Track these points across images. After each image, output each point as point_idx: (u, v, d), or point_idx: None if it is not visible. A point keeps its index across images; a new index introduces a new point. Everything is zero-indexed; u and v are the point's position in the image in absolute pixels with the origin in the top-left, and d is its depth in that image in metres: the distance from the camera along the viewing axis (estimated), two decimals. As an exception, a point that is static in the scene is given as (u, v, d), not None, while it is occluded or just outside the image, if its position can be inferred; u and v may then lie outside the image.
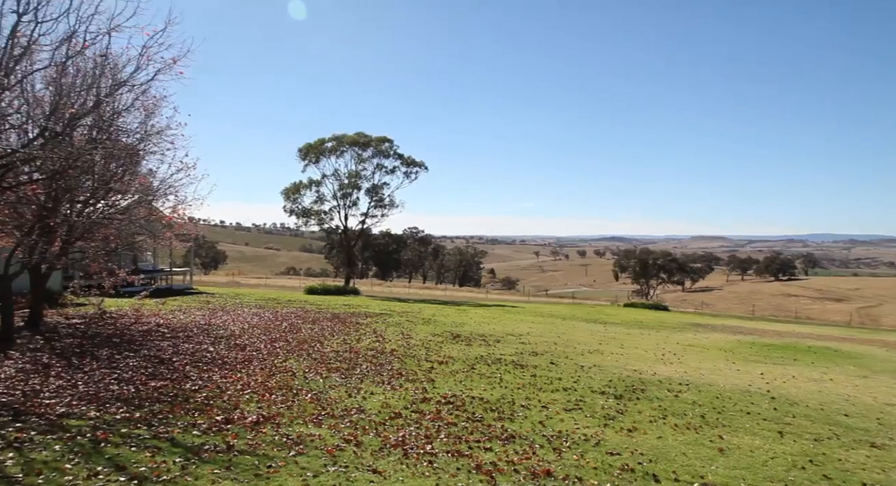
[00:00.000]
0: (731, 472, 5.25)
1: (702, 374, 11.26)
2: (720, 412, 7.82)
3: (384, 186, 40.67)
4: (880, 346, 21.27)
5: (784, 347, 18.08)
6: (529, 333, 17.11)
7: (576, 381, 9.41)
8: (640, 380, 9.89)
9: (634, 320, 27.01)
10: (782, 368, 13.25)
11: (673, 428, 6.74)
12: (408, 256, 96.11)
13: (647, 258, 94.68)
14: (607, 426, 6.62)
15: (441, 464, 4.95)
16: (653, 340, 18.07)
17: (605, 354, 13.33)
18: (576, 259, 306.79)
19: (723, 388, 9.68)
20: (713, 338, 20.06)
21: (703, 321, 31.29)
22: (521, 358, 11.60)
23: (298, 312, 18.79)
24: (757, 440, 6.47)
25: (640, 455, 5.54)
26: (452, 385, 8.41)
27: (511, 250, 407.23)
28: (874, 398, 9.78)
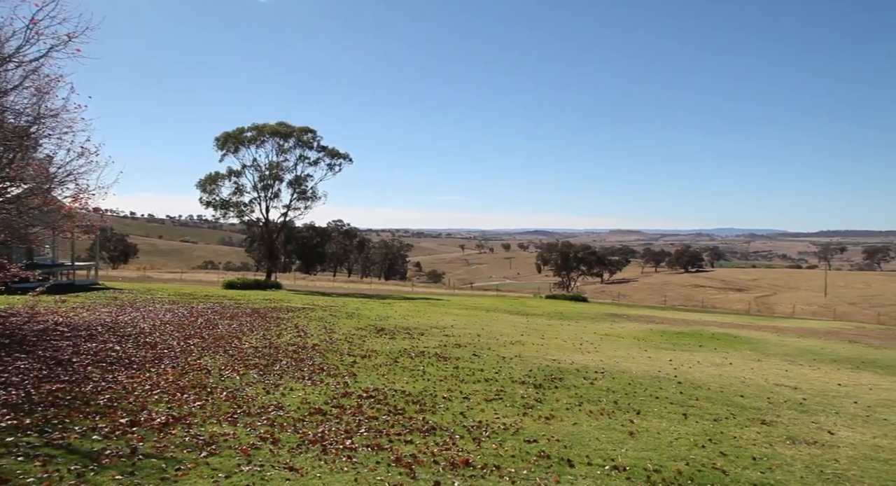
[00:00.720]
0: (640, 454, 5.52)
1: (616, 362, 11.78)
2: (632, 397, 8.21)
3: (307, 177, 39.73)
4: (773, 332, 23.11)
5: (691, 334, 19.25)
6: (454, 325, 17.28)
7: (497, 372, 9.59)
8: (559, 369, 10.23)
9: (555, 312, 27.90)
10: (689, 354, 14.11)
11: (588, 414, 7.01)
12: (332, 249, 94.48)
13: (568, 252, 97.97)
14: (526, 414, 6.79)
15: (360, 459, 4.89)
16: (572, 330, 18.73)
17: (526, 344, 13.67)
18: (500, 252, 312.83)
19: (635, 375, 10.18)
20: (628, 327, 21.06)
21: (619, 312, 32.78)
22: (445, 350, 11.69)
23: (216, 307, 18.03)
24: (664, 423, 6.84)
25: (556, 442, 5.72)
26: (375, 379, 8.35)
27: (437, 243, 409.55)
28: (766, 380, 10.61)
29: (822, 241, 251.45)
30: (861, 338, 22.64)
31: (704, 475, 5.02)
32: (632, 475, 4.88)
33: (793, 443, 6.29)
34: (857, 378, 11.66)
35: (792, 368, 12.68)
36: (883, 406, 8.75)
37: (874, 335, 25.26)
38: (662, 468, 5.10)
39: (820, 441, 6.43)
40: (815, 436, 6.65)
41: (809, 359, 14.48)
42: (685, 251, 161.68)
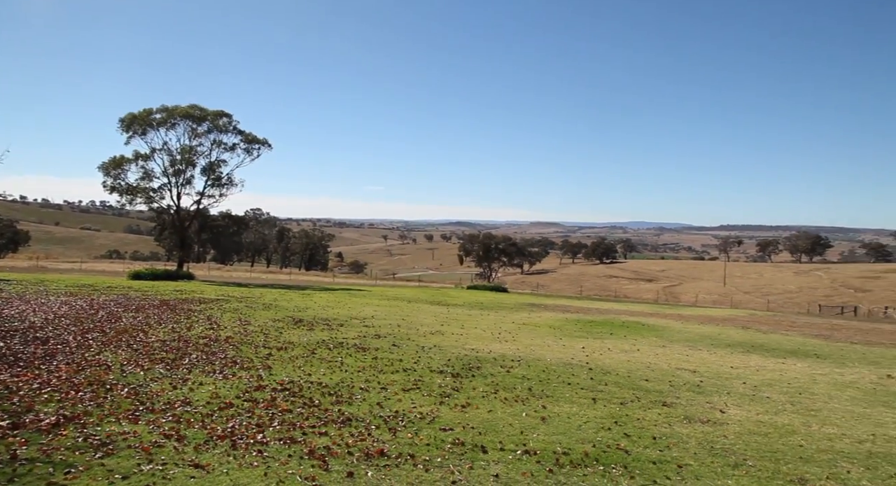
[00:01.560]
0: (550, 438, 5.73)
1: (532, 350, 12.15)
2: (545, 384, 8.49)
3: (222, 163, 38.07)
4: (677, 319, 24.63)
5: (603, 323, 20.15)
6: (374, 316, 17.18)
7: (416, 361, 9.63)
8: (477, 358, 10.41)
9: (476, 302, 28.37)
10: (600, 341, 14.77)
11: (503, 402, 7.18)
12: (250, 238, 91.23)
13: (490, 243, 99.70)
14: (443, 403, 6.87)
15: (272, 452, 4.77)
16: (491, 320, 19.12)
17: (445, 334, 13.82)
18: (423, 243, 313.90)
19: (549, 362, 10.53)
20: (545, 317, 21.76)
21: (537, 301, 33.81)
22: (364, 341, 11.61)
23: (119, 299, 16.96)
24: (574, 407, 7.13)
25: (470, 429, 5.83)
26: (291, 371, 8.16)
27: (359, 233, 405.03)
28: (669, 364, 11.29)
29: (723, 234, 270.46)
30: (752, 324, 24.58)
31: (609, 455, 5.27)
32: (542, 459, 5.05)
33: (689, 422, 6.73)
34: (746, 361, 12.65)
35: (692, 353, 13.57)
36: (767, 385, 9.55)
37: (763, 321, 27.51)
38: (571, 451, 5.32)
39: (713, 420, 6.92)
40: (708, 415, 7.15)
41: (708, 344, 15.56)
42: (601, 243, 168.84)
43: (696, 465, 5.15)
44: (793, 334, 20.27)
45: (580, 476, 4.69)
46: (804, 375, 11.07)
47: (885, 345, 18.04)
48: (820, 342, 17.82)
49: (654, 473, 4.87)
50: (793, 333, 21.06)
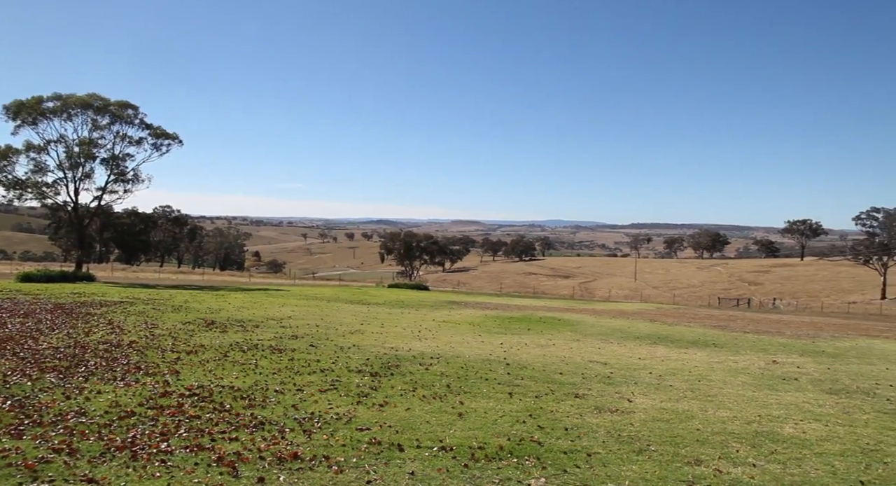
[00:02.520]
0: (467, 433, 5.80)
1: (452, 347, 12.27)
2: (463, 380, 8.60)
3: (127, 157, 35.79)
4: (591, 314, 25.70)
5: (521, 319, 20.68)
6: (292, 316, 16.74)
7: (334, 362, 9.48)
8: (396, 357, 10.38)
9: (397, 300, 28.30)
10: (518, 337, 15.14)
11: (421, 399, 7.20)
12: (159, 237, 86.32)
13: (411, 241, 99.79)
14: (360, 403, 6.79)
15: (177, 462, 4.52)
16: (412, 318, 19.14)
17: (365, 333, 13.69)
18: (344, 242, 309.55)
19: (468, 359, 10.68)
20: (465, 314, 22.05)
21: (458, 299, 34.20)
22: (281, 342, 11.28)
23: (5, 304, 15.55)
24: (491, 402, 7.26)
25: (388, 428, 5.80)
26: (201, 376, 7.79)
27: (278, 232, 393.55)
28: (582, 358, 11.76)
29: (634, 232, 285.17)
30: (659, 317, 26.08)
31: (523, 447, 5.41)
32: (458, 454, 5.11)
33: (599, 412, 7.03)
34: (653, 352, 13.40)
35: (604, 346, 14.20)
36: (670, 375, 10.16)
37: (669, 314, 29.26)
38: (486, 445, 5.41)
39: (621, 409, 7.27)
40: (617, 405, 7.50)
41: (618, 337, 16.34)
42: (520, 241, 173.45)
43: (604, 452, 5.38)
44: (694, 326, 21.68)
45: (494, 470, 4.78)
46: (703, 363, 11.87)
47: (772, 333, 19.69)
48: (718, 333, 19.17)
49: (564, 462, 5.04)
50: (695, 324, 22.52)
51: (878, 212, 71.37)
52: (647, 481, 4.66)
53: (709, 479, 4.75)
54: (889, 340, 19.77)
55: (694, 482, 4.65)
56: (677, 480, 4.70)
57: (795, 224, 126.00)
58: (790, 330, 21.83)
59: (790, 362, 12.65)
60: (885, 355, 14.67)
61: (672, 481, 4.68)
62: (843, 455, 5.57)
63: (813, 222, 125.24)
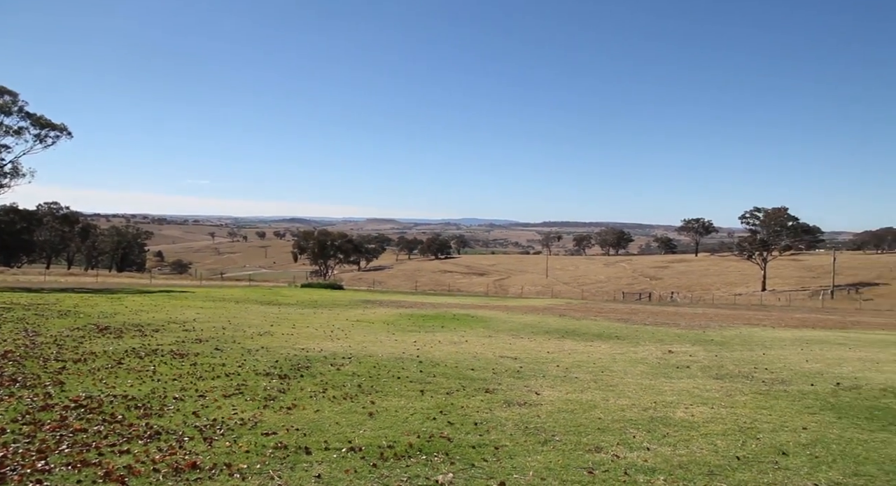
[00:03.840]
0: (377, 432, 5.76)
1: (364, 347, 12.14)
2: (375, 379, 8.53)
3: (3, 149, 32.51)
4: (503, 310, 26.33)
5: (435, 316, 20.83)
6: (196, 319, 15.92)
7: (241, 365, 9.11)
8: (307, 358, 10.14)
9: (310, 300, 27.65)
10: (431, 335, 15.24)
11: (331, 400, 7.07)
12: (45, 236, 79.27)
13: (325, 240, 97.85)
14: (267, 407, 6.57)
15: (56, 480, 4.16)
16: (325, 318, 18.77)
17: (275, 335, 13.27)
18: (255, 241, 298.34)
19: (381, 358, 10.61)
20: (379, 313, 21.90)
21: (372, 298, 33.93)
22: (183, 347, 10.69)
23: None
24: (402, 401, 7.25)
25: (295, 431, 5.64)
26: (90, 385, 7.22)
27: (183, 230, 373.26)
28: (493, 353, 12.01)
29: (545, 230, 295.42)
30: (568, 312, 27.17)
31: (433, 444, 5.44)
32: (366, 454, 5.06)
33: (508, 406, 7.21)
34: (561, 346, 13.94)
35: (515, 341, 14.59)
36: (576, 367, 10.61)
37: (577, 309, 30.55)
38: (396, 443, 5.40)
39: (529, 402, 7.49)
40: (525, 398, 7.73)
41: (529, 332, 16.85)
42: (435, 239, 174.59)
43: (511, 445, 5.52)
44: (600, 320, 22.77)
45: (403, 468, 4.78)
46: (607, 355, 12.49)
47: (669, 325, 21.06)
48: (621, 325, 20.25)
49: (473, 457, 5.13)
50: (600, 318, 23.66)
51: (759, 212, 78.13)
52: (550, 470, 4.83)
53: (607, 465, 4.99)
54: (766, 327, 21.73)
55: (593, 469, 4.87)
56: (578, 467, 4.91)
57: (690, 223, 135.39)
58: (685, 321, 23.44)
59: (683, 351, 13.58)
60: (762, 342, 16.10)
61: (573, 468, 4.88)
62: (725, 434, 6.05)
63: (705, 221, 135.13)
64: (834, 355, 13.52)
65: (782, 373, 10.47)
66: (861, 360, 12.64)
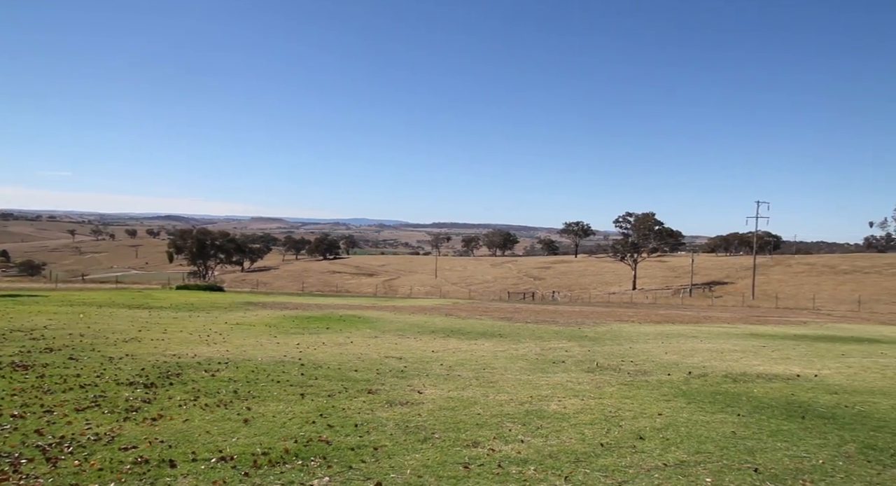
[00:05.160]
0: (251, 439, 5.51)
1: (244, 350, 11.60)
2: (253, 384, 8.17)
3: None
4: (391, 310, 26.32)
5: (321, 318, 20.38)
6: (48, 326, 14.35)
7: (99, 375, 8.32)
8: (178, 364, 9.49)
9: (185, 303, 25.93)
10: (316, 336, 14.88)
11: (203, 408, 6.66)
12: None
13: (205, 239, 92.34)
14: (128, 419, 6.05)
15: None
16: (201, 321, 17.69)
17: (143, 341, 12.29)
18: (124, 239, 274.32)
19: (261, 361, 10.18)
20: (262, 315, 21.03)
21: (255, 300, 32.51)
22: (28, 357, 9.58)
23: None
24: (281, 405, 7.00)
25: (159, 444, 5.25)
26: None
27: (35, 227, 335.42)
28: (378, 354, 11.96)
29: (435, 231, 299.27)
30: (454, 311, 27.72)
31: (310, 448, 5.30)
32: (238, 463, 4.82)
33: (390, 406, 7.20)
34: (446, 344, 14.18)
35: (401, 341, 14.63)
36: (459, 365, 10.84)
37: (463, 308, 31.26)
38: (271, 450, 5.19)
39: (411, 401, 7.54)
40: (408, 397, 7.76)
41: (415, 332, 16.97)
42: (324, 239, 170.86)
43: (391, 445, 5.51)
44: (485, 318, 23.47)
45: (277, 475, 4.61)
46: (489, 352, 12.89)
47: (548, 323, 22.18)
48: (504, 324, 21.00)
49: (351, 459, 5.06)
50: (485, 317, 24.38)
51: (631, 216, 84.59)
52: (427, 467, 4.89)
53: (483, 458, 5.14)
54: (634, 323, 23.57)
55: (469, 463, 5.00)
56: (455, 463, 5.01)
57: (571, 226, 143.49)
58: (563, 319, 24.81)
59: (560, 347, 14.35)
60: (629, 337, 17.44)
61: (450, 464, 4.97)
62: (592, 424, 6.47)
63: (584, 224, 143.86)
64: (688, 347, 14.96)
65: (645, 365, 11.40)
66: (709, 350, 14.10)
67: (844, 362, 12.49)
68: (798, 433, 6.26)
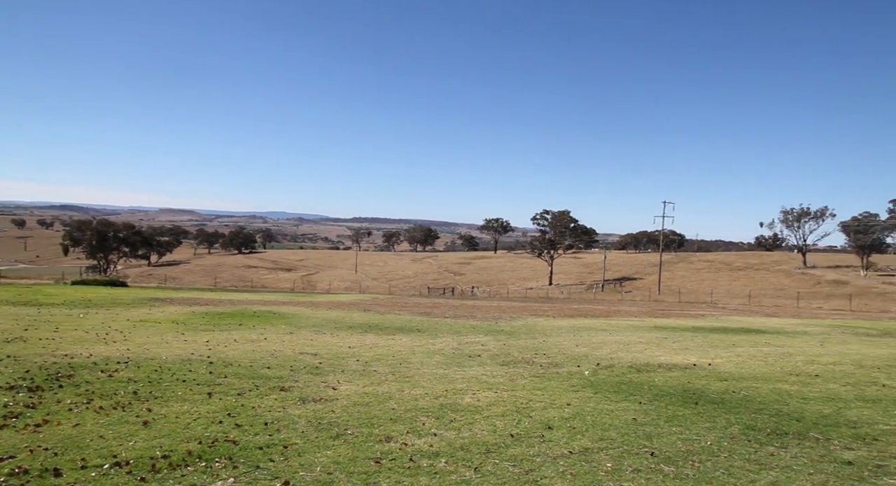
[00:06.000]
0: (151, 442, 5.22)
1: (147, 349, 10.95)
2: (156, 384, 7.73)
3: None
4: (308, 306, 25.76)
5: (234, 314, 19.61)
6: (-83, 325, 12.90)
7: (-25, 378, 7.58)
8: (70, 365, 8.81)
9: (82, 299, 24.13)
10: (227, 333, 14.30)
11: (97, 412, 6.23)
12: None
13: (107, 231, 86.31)
14: (6, 426, 5.55)
15: None
16: (100, 319, 16.54)
17: (29, 341, 11.32)
18: (11, 230, 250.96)
19: (165, 360, 9.65)
20: (169, 311, 19.95)
21: (162, 295, 30.78)
22: None
23: None
24: (186, 405, 6.67)
25: (43, 451, 4.85)
26: None
27: None
28: (293, 350, 11.67)
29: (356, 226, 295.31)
30: (373, 307, 27.51)
31: (216, 449, 5.09)
32: (134, 468, 4.55)
33: (303, 403, 7.05)
34: (363, 340, 14.05)
35: (317, 337, 14.34)
36: (376, 361, 10.77)
37: (383, 304, 31.10)
38: (172, 453, 4.94)
39: (325, 397, 7.40)
40: (321, 394, 7.62)
41: (332, 328, 16.69)
42: (239, 233, 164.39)
43: (301, 443, 5.39)
44: (404, 314, 23.45)
45: (177, 478, 4.38)
46: (406, 348, 12.89)
47: (467, 317, 22.50)
48: (423, 319, 21.08)
49: (259, 458, 4.91)
50: (404, 312, 24.36)
51: (548, 214, 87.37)
52: (338, 464, 4.82)
53: (395, 453, 5.14)
54: (549, 318, 24.38)
55: (381, 458, 4.98)
56: (366, 458, 4.97)
57: (491, 222, 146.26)
58: (481, 313, 25.24)
59: (477, 341, 14.60)
60: (543, 330, 18.03)
61: (361, 460, 4.93)
62: (504, 415, 6.63)
63: (504, 221, 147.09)
64: (598, 339, 15.66)
65: (557, 357, 11.82)
66: (617, 343, 14.83)
67: (734, 351, 13.52)
68: (691, 417, 6.72)
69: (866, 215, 72.51)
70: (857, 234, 71.30)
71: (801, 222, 76.33)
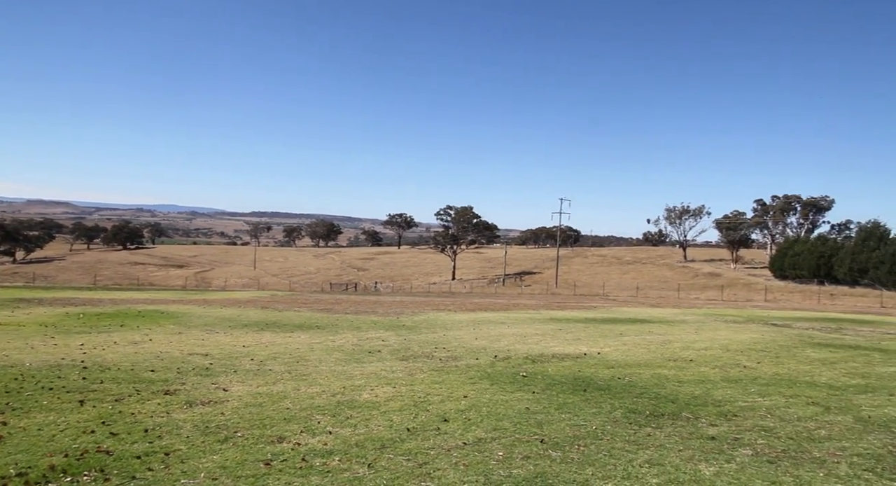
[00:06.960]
0: (5, 459, 4.69)
1: (6, 355, 9.91)
2: (16, 394, 6.97)
3: None
4: (200, 304, 24.41)
5: (114, 314, 18.18)
6: None
7: None
8: (-90, 375, 7.74)
9: (-70, 301, 21.34)
10: (107, 335, 13.23)
11: (-59, 427, 5.51)
12: None
13: (-37, 224, 77.00)
14: None
15: None
16: (-49, 322, 14.69)
17: None
18: None
19: (28, 367, 8.75)
20: (36, 313, 18.14)
21: (31, 296, 27.95)
22: None
23: None
24: (52, 416, 6.08)
25: None
26: None
27: None
28: (181, 351, 11.00)
29: (254, 220, 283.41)
30: (271, 304, 26.57)
31: (85, 462, 4.67)
32: (-16, 489, 4.07)
33: (189, 406, 6.65)
34: (259, 338, 13.52)
35: (208, 336, 13.61)
36: (272, 359, 10.40)
37: (282, 301, 30.12)
38: (31, 469, 4.47)
39: (214, 400, 7.03)
40: (211, 396, 7.24)
41: (225, 326, 15.92)
42: (124, 227, 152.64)
43: (185, 448, 5.08)
44: (304, 310, 22.84)
45: (37, 496, 3.98)
46: (304, 345, 12.56)
47: (368, 313, 22.32)
48: (323, 315, 20.64)
49: (136, 468, 4.56)
50: (304, 309, 23.73)
51: (451, 209, 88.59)
52: (225, 468, 4.59)
53: (287, 454, 4.98)
54: (451, 312, 24.75)
55: (272, 460, 4.80)
56: (256, 461, 4.78)
57: (394, 217, 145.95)
58: (383, 309, 25.13)
59: (377, 336, 14.51)
60: (444, 325, 18.27)
61: (250, 462, 4.73)
62: (401, 410, 6.63)
63: (408, 216, 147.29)
64: (496, 332, 16.10)
65: (456, 351, 12.01)
66: (515, 335, 15.33)
67: (621, 340, 14.42)
68: (580, 404, 7.07)
69: (736, 214, 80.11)
70: (728, 230, 78.58)
71: (682, 219, 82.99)
